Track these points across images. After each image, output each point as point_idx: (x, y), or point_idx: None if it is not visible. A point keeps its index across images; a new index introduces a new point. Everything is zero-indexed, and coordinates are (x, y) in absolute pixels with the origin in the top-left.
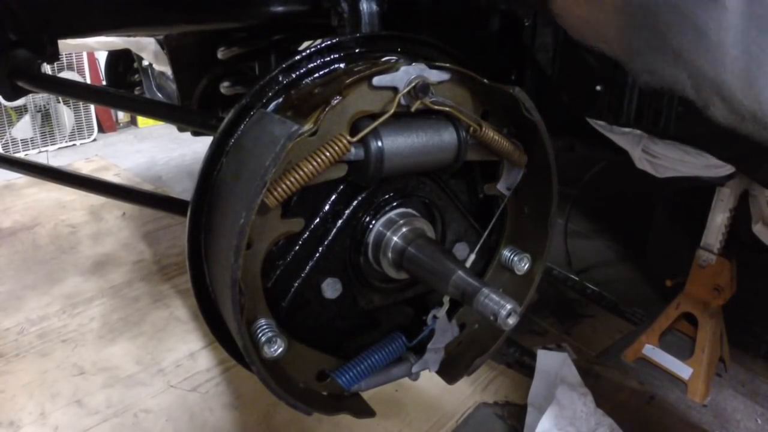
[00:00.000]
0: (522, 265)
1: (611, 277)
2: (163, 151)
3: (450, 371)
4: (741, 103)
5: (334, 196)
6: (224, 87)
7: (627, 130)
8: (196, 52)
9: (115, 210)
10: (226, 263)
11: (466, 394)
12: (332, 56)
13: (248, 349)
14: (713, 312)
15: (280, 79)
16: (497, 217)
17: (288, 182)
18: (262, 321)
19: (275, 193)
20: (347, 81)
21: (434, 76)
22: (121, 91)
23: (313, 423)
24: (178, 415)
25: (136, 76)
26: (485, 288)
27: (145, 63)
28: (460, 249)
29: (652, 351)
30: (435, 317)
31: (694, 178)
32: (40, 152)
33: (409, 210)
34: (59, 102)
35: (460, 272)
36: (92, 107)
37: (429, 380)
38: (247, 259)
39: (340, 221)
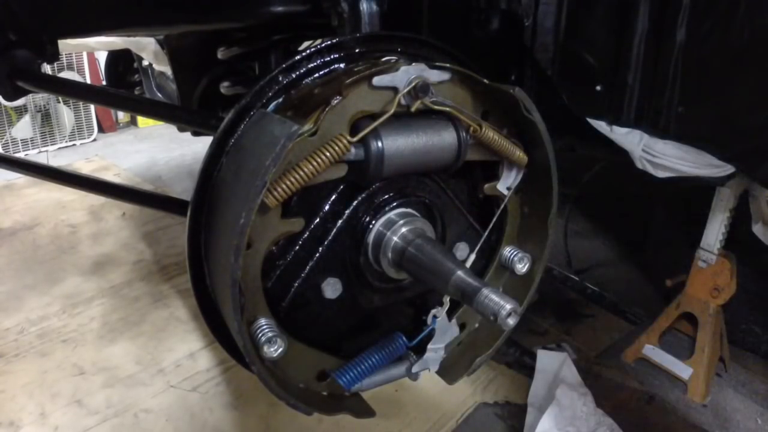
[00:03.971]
0: (522, 265)
1: (611, 277)
2: (163, 151)
3: (450, 371)
4: None
5: (334, 196)
6: (224, 87)
7: (627, 130)
8: (196, 52)
9: (115, 210)
10: (226, 263)
11: (466, 394)
12: (332, 56)
13: (248, 349)
14: (713, 312)
15: (280, 79)
16: (497, 217)
17: (288, 182)
18: (262, 321)
19: (275, 193)
20: (347, 81)
21: (434, 76)
22: (121, 91)
23: (313, 423)
24: (179, 415)
25: (136, 76)
26: (485, 288)
27: (145, 63)
28: (460, 249)
29: (652, 351)
30: (435, 317)
31: (694, 178)
32: (40, 152)
33: (409, 210)
34: (59, 102)
35: (460, 272)
36: (92, 107)
37: (429, 380)
38: (247, 259)
39: (340, 221)
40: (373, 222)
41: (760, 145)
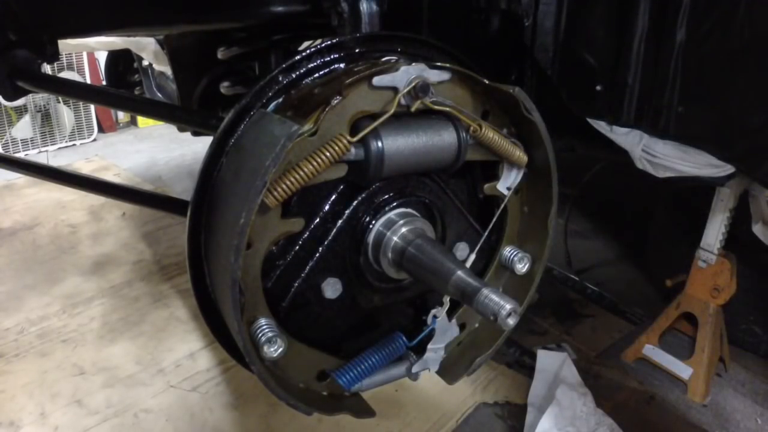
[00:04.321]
0: (522, 265)
1: (611, 277)
2: (163, 151)
3: (450, 371)
4: None
5: (334, 196)
6: (224, 87)
7: (627, 130)
8: (196, 52)
9: (115, 210)
10: (226, 263)
11: (466, 394)
12: (332, 56)
13: (248, 349)
14: (713, 312)
15: (280, 79)
16: (497, 217)
17: (288, 182)
18: (262, 321)
19: (275, 193)
20: (347, 81)
21: (434, 76)
22: (121, 91)
23: (313, 423)
24: (179, 415)
25: (136, 76)
26: (485, 288)
27: (145, 63)
28: (460, 249)
29: (652, 351)
30: (435, 317)
31: (694, 178)
32: (40, 152)
33: (409, 210)
34: (59, 102)
35: (460, 272)
36: (92, 107)
37: (429, 380)
38: (247, 259)
39: (340, 221)
40: (373, 222)
41: (760, 145)
